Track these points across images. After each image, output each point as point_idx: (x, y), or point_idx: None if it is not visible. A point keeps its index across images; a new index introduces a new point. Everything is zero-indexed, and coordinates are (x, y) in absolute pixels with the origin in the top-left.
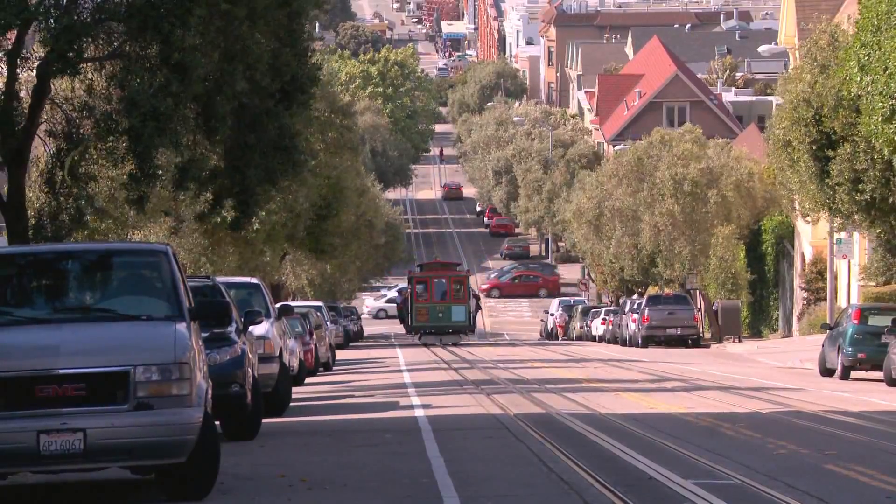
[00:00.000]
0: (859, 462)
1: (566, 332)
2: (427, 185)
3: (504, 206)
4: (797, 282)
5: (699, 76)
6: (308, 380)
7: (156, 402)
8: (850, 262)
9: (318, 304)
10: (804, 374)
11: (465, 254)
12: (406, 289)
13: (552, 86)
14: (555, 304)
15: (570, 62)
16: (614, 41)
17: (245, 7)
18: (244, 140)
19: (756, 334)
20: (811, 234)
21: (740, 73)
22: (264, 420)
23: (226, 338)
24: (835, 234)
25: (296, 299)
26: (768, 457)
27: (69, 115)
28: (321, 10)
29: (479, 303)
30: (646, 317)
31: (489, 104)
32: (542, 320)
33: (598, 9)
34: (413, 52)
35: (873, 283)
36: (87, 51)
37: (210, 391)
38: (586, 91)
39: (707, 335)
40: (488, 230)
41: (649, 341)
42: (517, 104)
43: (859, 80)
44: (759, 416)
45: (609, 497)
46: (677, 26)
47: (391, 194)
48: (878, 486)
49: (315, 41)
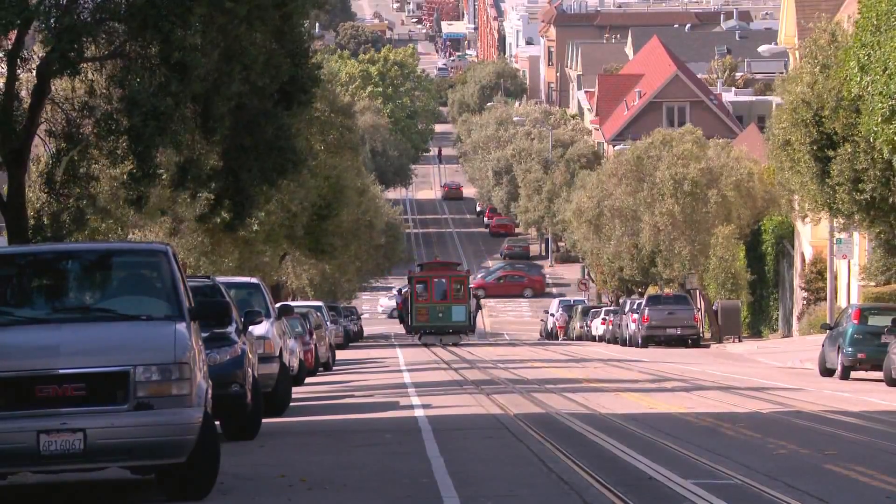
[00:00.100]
0: (859, 462)
1: (566, 332)
2: (427, 185)
3: (504, 206)
4: (797, 282)
5: (699, 76)
6: (308, 380)
7: (156, 402)
8: (850, 262)
9: (318, 304)
10: (804, 374)
11: (464, 254)
12: (406, 289)
13: (552, 86)
14: (555, 304)
15: (570, 62)
16: (614, 41)
17: (246, 5)
18: (241, 142)
19: (756, 334)
20: (811, 234)
21: (740, 73)
22: (264, 420)
23: (226, 338)
24: (835, 234)
25: (296, 299)
26: (768, 457)
27: (69, 114)
28: (321, 10)
29: (480, 302)
30: (646, 317)
31: (489, 104)
32: (541, 320)
33: (598, 9)
34: (413, 52)
35: (873, 283)
36: (88, 50)
37: (210, 391)
38: (586, 91)
39: (707, 335)
40: (488, 230)
41: (649, 341)
42: (517, 104)
43: (859, 80)
44: (759, 416)
45: (609, 497)
46: (677, 26)
47: (391, 194)
48: (879, 486)
49: (315, 40)
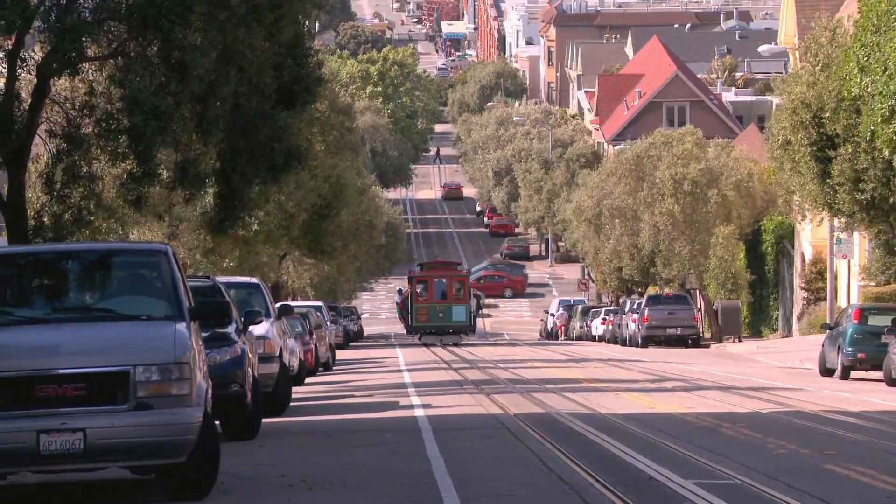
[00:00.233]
0: (859, 462)
1: (566, 332)
2: (427, 185)
3: (504, 206)
4: (797, 282)
5: (699, 76)
6: (308, 380)
7: (156, 402)
8: (850, 262)
9: (318, 303)
10: (804, 374)
11: (464, 254)
12: (406, 289)
13: (552, 86)
14: (555, 304)
15: (570, 62)
16: (614, 41)
17: (245, 3)
18: (235, 144)
19: (756, 334)
20: (811, 234)
21: (740, 73)
22: (264, 420)
23: (226, 338)
24: (835, 234)
25: (295, 299)
26: (768, 457)
27: (70, 114)
28: (321, 10)
29: (481, 302)
30: (646, 317)
31: (489, 104)
32: (541, 320)
33: (598, 9)
34: (413, 51)
35: (873, 283)
36: (89, 50)
37: (210, 391)
38: (586, 91)
39: (707, 335)
40: (488, 230)
41: (649, 341)
42: (517, 104)
43: (859, 80)
44: (759, 416)
45: (609, 497)
46: (677, 26)
47: (391, 194)
48: (879, 486)
49: (314, 36)
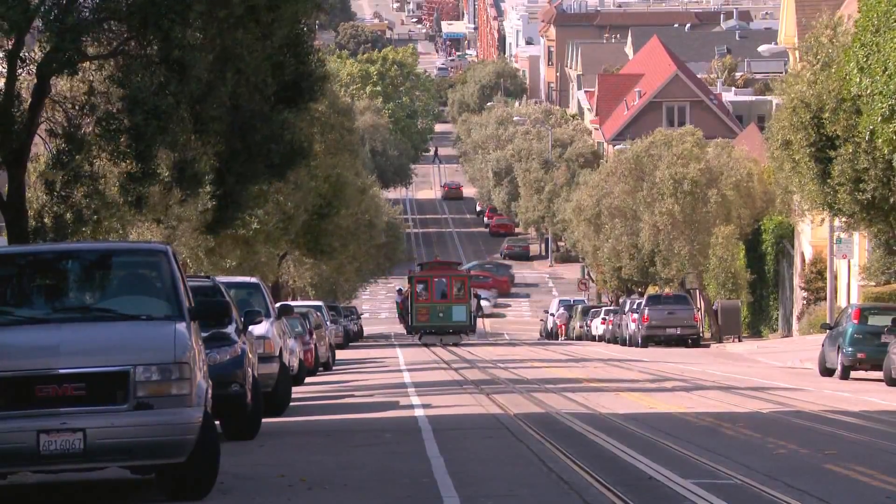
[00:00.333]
0: (859, 462)
1: (566, 332)
2: (427, 185)
3: (504, 206)
4: (797, 282)
5: (699, 76)
6: (308, 379)
7: (155, 402)
8: (850, 262)
9: (318, 303)
10: (804, 373)
11: (465, 254)
12: (406, 288)
13: (552, 86)
14: (555, 304)
15: (570, 62)
16: (614, 41)
17: (243, 3)
18: (232, 145)
19: (756, 334)
20: (811, 234)
21: (740, 73)
22: (264, 420)
23: (226, 338)
24: (835, 233)
25: (295, 299)
26: (768, 457)
27: (70, 114)
28: (322, 10)
29: (481, 302)
30: (646, 316)
31: (489, 104)
32: (541, 320)
33: (598, 9)
34: (413, 51)
35: (873, 283)
36: (90, 48)
37: (210, 391)
38: (586, 91)
39: (707, 335)
40: (488, 230)
41: (649, 341)
42: (517, 104)
43: (859, 80)
44: (759, 416)
45: (609, 497)
46: (677, 26)
47: (391, 194)
48: (879, 486)
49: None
